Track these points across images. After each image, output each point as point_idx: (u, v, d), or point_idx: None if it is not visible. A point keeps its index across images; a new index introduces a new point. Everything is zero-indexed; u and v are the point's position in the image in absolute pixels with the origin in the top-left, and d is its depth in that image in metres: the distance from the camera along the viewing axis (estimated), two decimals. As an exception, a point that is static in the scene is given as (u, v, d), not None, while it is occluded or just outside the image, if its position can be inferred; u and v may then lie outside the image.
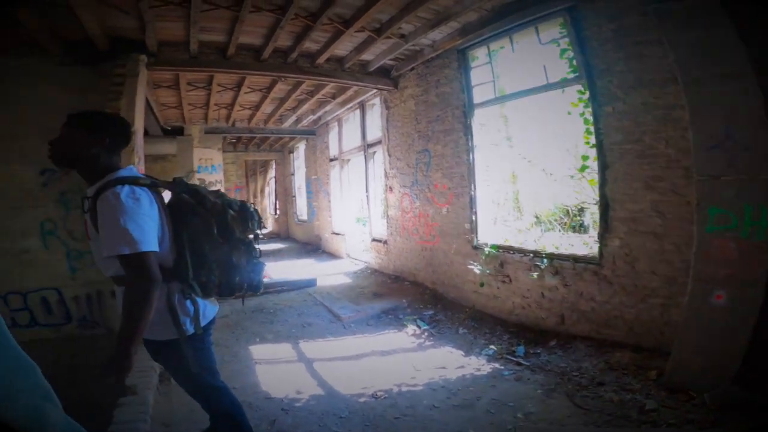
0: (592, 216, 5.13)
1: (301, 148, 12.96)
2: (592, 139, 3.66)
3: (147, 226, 1.48)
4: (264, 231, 11.65)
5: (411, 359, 3.78)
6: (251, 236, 1.87)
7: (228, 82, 6.37)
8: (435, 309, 5.17)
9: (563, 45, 3.97)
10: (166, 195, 1.79)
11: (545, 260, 3.95)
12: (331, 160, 9.40)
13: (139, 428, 2.46)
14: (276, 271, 8.01)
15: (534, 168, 6.15)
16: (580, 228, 5.43)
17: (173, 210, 1.71)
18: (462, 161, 4.97)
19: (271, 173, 16.30)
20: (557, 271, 3.88)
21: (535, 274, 4.02)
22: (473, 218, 4.87)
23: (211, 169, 8.85)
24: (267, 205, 17.38)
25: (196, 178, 8.59)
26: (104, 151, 1.63)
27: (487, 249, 4.55)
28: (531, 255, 4.16)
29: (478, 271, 4.53)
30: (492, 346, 3.87)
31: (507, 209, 5.74)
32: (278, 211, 14.90)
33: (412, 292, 5.87)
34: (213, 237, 1.68)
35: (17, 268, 4.08)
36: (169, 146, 8.78)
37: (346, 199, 8.79)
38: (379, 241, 7.14)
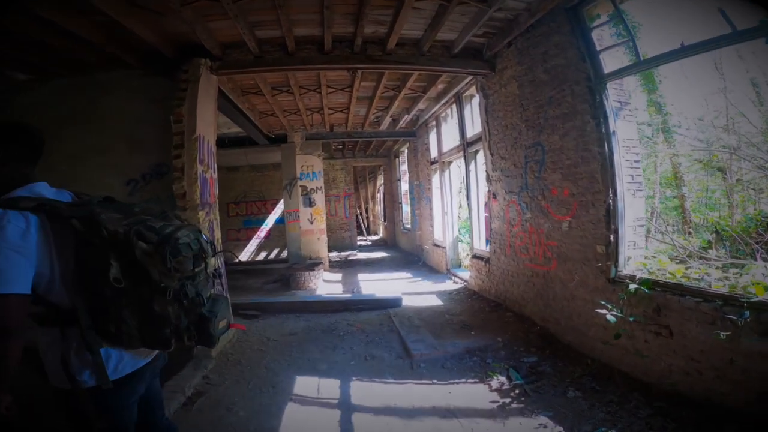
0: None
1: (405, 153, 12.38)
2: None
3: (6, 263, 1.21)
4: (373, 238, 11.41)
5: (483, 430, 2.64)
6: (195, 277, 1.43)
7: (306, 82, 6.08)
8: (540, 356, 3.79)
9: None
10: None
11: (747, 313, 2.26)
12: (432, 163, 8.46)
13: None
14: (367, 284, 7.48)
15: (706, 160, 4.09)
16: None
17: (76, 241, 1.33)
18: (591, 156, 3.44)
19: (381, 179, 16.20)
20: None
21: (724, 334, 2.35)
22: (611, 238, 3.28)
23: (312, 176, 8.90)
24: (379, 212, 17.38)
25: (299, 185, 8.72)
26: None
27: (633, 286, 2.95)
28: (718, 302, 2.47)
29: (612, 319, 2.96)
30: (617, 424, 2.49)
31: (664, 223, 3.88)
32: (386, 219, 14.62)
33: (513, 329, 4.49)
34: (109, 278, 1.28)
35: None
36: (273, 155, 9.15)
37: (448, 207, 7.71)
38: (481, 258, 5.87)
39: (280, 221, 11.18)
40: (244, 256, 12.53)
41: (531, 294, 4.49)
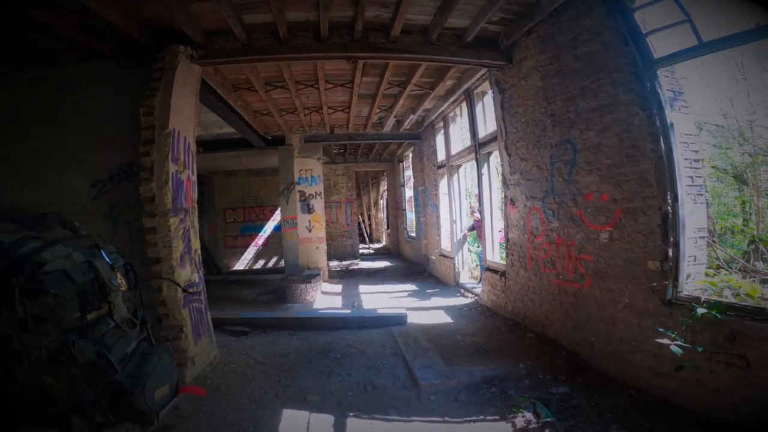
0: None
1: (410, 157, 11.86)
2: None
3: None
4: (376, 246, 10.85)
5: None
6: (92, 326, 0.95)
7: (302, 76, 5.59)
8: (571, 385, 3.22)
9: None
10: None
11: None
12: (439, 167, 7.92)
13: None
14: (368, 297, 6.89)
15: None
16: None
17: None
18: (640, 154, 2.87)
19: (384, 185, 15.67)
20: None
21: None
22: (669, 253, 2.69)
23: (311, 180, 8.37)
24: (382, 219, 16.82)
25: (297, 190, 8.20)
26: None
27: (700, 310, 2.37)
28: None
29: (678, 350, 2.36)
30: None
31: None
32: (390, 226, 14.06)
33: (536, 353, 3.91)
34: None
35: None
36: (271, 158, 8.65)
37: (457, 215, 7.14)
38: (495, 271, 5.28)
39: (279, 228, 10.65)
40: (242, 264, 12.01)
41: (558, 314, 3.90)
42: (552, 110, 3.86)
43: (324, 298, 7.00)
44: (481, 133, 5.83)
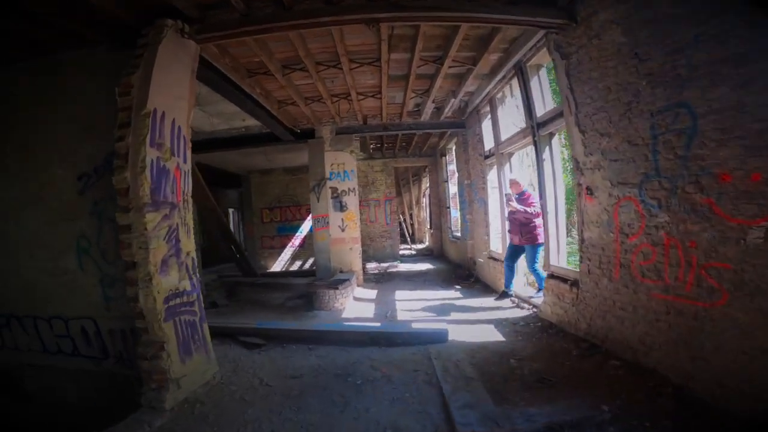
0: None
1: (453, 150, 10.85)
2: None
3: None
4: (418, 247, 10.00)
5: None
6: None
7: (322, 56, 4.90)
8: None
9: None
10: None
11: None
12: (486, 156, 6.90)
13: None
14: (404, 305, 6.05)
15: None
16: None
17: None
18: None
19: (426, 182, 14.73)
20: None
21: None
22: None
23: (344, 176, 7.69)
24: (424, 218, 15.87)
25: (328, 186, 7.58)
26: None
27: None
28: None
29: None
30: None
31: None
32: (433, 226, 13.09)
33: (625, 388, 2.87)
34: None
35: (59, 290, 3.39)
36: (304, 155, 8.11)
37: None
38: (563, 279, 4.21)
39: (314, 228, 10.15)
40: (278, 265, 11.70)
41: (661, 338, 2.81)
42: (648, 69, 2.80)
43: (355, 305, 6.27)
44: (539, 112, 4.78)
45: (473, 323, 4.86)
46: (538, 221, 5.01)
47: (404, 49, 4.92)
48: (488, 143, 6.84)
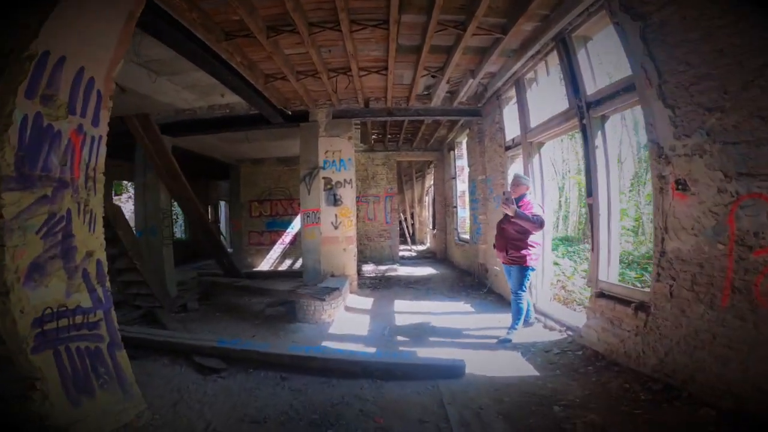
0: None
1: (463, 144, 9.87)
2: None
3: None
4: (419, 248, 8.82)
5: None
6: None
7: (317, 14, 3.92)
8: None
9: None
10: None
11: None
12: (508, 148, 5.90)
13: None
14: (405, 319, 5.04)
15: None
16: None
17: None
18: None
19: (431, 180, 13.73)
20: None
21: None
22: None
23: (339, 165, 6.68)
24: (427, 218, 14.87)
25: (321, 176, 6.58)
26: None
27: None
28: None
29: None
30: None
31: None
32: (436, 226, 12.09)
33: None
34: None
35: None
36: (295, 142, 7.11)
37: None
38: (622, 301, 3.20)
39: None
40: (267, 263, 10.67)
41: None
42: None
43: (347, 317, 5.26)
44: (590, 89, 3.78)
45: (493, 349, 3.87)
46: (536, 237, 3.94)
47: (419, 9, 3.95)
48: (511, 132, 5.86)
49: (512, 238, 3.99)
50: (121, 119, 6.24)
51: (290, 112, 6.60)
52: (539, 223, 3.78)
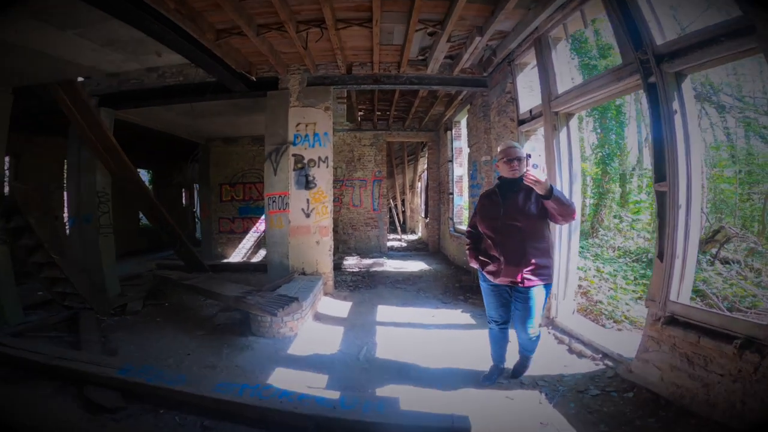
0: None
1: (462, 123, 8.75)
2: None
3: None
4: (410, 238, 7.43)
5: None
6: None
7: None
8: None
9: None
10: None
11: None
12: (522, 122, 4.79)
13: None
14: (389, 334, 3.96)
15: None
16: None
17: None
18: None
19: (424, 163, 12.58)
20: None
21: None
22: None
23: (313, 140, 5.53)
24: (419, 205, 13.77)
25: (291, 153, 5.42)
26: None
27: None
28: None
29: None
30: None
31: None
32: (428, 215, 11.01)
33: None
34: None
35: None
36: (257, 115, 5.90)
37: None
38: (716, 334, 2.10)
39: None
40: (239, 254, 9.51)
41: None
42: None
43: (315, 329, 4.18)
44: (659, 39, 2.64)
45: (507, 387, 2.83)
46: (548, 233, 2.61)
47: None
48: (526, 103, 4.75)
49: (530, 239, 2.49)
50: (44, 88, 5.01)
51: (254, 79, 5.39)
52: (574, 209, 2.43)
